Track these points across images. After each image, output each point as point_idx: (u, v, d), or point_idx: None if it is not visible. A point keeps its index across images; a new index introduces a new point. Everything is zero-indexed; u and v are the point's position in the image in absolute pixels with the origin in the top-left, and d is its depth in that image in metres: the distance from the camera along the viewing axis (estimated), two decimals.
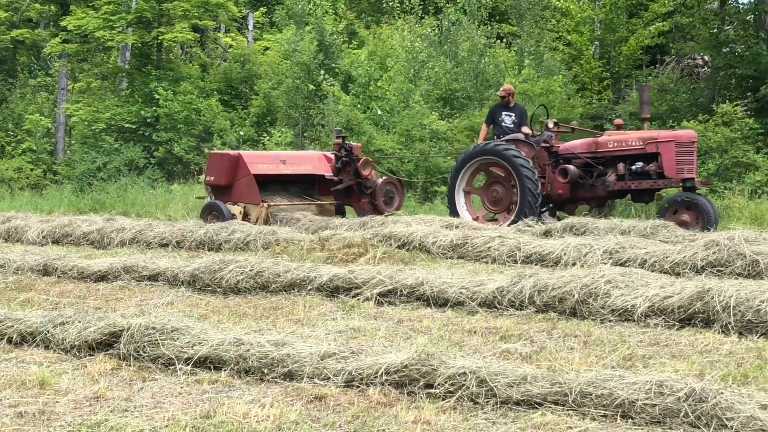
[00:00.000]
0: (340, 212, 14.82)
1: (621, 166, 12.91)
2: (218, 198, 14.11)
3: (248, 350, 4.92)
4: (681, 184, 12.47)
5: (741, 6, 23.08)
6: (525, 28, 25.67)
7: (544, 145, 13.48)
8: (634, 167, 12.83)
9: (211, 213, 13.75)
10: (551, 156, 13.49)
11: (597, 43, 25.71)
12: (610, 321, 6.15)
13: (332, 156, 15.03)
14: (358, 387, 4.45)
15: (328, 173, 14.85)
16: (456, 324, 6.18)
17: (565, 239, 9.66)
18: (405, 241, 10.45)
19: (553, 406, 4.04)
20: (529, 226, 12.03)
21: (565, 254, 8.98)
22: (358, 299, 7.15)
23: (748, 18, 21.39)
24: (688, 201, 12.11)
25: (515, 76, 22.65)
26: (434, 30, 26.21)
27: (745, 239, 8.43)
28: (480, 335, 5.78)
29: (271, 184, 14.33)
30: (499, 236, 9.96)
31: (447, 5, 26.88)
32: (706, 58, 25.30)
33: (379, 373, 4.48)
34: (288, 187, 14.89)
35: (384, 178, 15.30)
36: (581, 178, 13.15)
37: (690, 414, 3.76)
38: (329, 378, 4.57)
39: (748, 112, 20.22)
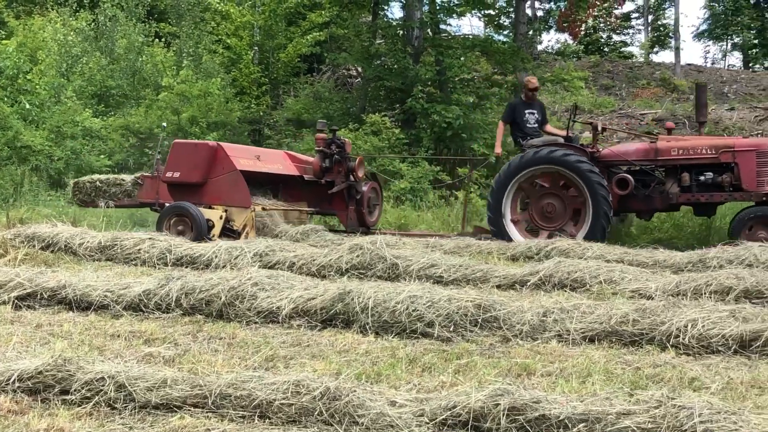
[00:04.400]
0: None
1: (686, 176, 11.57)
2: (180, 200, 11.30)
3: None
4: (764, 199, 11.15)
5: (391, 21, 24.32)
6: (184, 28, 25.57)
7: (590, 150, 12.00)
8: (702, 178, 11.56)
9: (173, 219, 11.06)
10: (594, 162, 11.92)
11: (256, 48, 26.09)
12: (255, 323, 6.24)
13: (301, 156, 13.03)
14: None
15: (296, 173, 12.66)
16: (99, 328, 5.99)
17: (216, 242, 9.70)
18: (50, 242, 9.95)
19: (192, 408, 4.02)
20: None
21: (216, 257, 9.03)
22: None
23: (398, 33, 22.59)
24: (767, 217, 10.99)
25: (173, 76, 22.49)
26: (90, 24, 25.45)
27: (386, 243, 8.94)
28: (123, 339, 5.65)
29: None
30: (150, 238, 9.81)
31: (103, 0, 26.19)
32: (359, 69, 26.45)
33: (11, 380, 4.25)
34: (255, 190, 12.00)
35: (369, 182, 13.31)
36: (635, 188, 11.77)
37: (324, 412, 3.87)
38: None
39: (396, 123, 21.40)
